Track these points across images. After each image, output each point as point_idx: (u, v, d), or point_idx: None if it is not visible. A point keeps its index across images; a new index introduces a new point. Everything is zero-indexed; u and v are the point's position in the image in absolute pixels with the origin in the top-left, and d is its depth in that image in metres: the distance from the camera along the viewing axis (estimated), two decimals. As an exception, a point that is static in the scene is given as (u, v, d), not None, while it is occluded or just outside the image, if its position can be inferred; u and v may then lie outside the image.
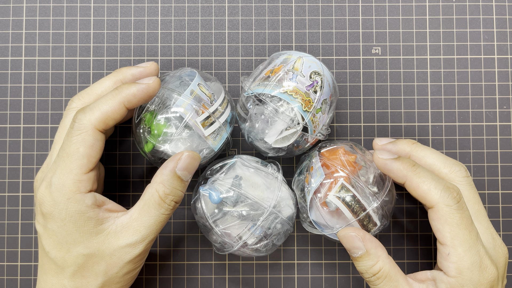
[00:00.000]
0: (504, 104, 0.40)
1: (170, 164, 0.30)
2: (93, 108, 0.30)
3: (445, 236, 0.30)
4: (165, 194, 0.30)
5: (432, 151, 0.34)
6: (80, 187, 0.29)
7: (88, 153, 0.29)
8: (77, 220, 0.29)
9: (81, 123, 0.29)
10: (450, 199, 0.30)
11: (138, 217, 0.30)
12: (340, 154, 0.34)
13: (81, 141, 0.29)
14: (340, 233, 0.32)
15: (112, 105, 0.30)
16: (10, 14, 0.40)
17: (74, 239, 0.29)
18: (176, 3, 0.40)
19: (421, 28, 0.40)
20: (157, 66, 0.34)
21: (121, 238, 0.30)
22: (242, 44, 0.40)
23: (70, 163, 0.29)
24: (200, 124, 0.32)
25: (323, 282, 0.39)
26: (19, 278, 0.39)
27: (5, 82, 0.40)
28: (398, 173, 0.31)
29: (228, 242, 0.33)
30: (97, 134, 0.30)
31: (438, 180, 0.30)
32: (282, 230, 0.34)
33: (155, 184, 0.30)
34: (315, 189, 0.33)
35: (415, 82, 0.40)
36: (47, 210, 0.29)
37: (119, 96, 0.30)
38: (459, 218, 0.29)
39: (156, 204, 0.30)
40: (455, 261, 0.29)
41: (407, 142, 0.35)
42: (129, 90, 0.30)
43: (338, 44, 0.40)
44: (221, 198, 0.32)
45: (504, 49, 0.40)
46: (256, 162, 0.35)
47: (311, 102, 0.32)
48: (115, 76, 0.33)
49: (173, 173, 0.30)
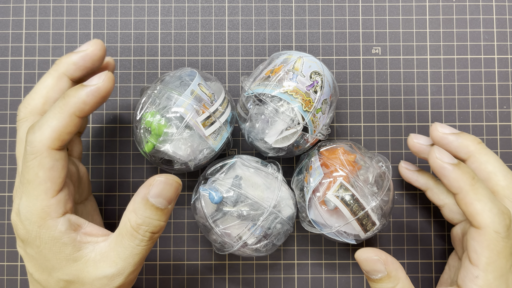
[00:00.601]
0: (504, 104, 0.40)
1: (142, 190, 0.27)
2: (42, 126, 0.27)
3: (480, 259, 0.28)
4: (137, 224, 0.27)
5: (496, 158, 0.32)
6: (50, 213, 0.27)
7: (50, 175, 0.27)
8: (52, 247, 0.27)
9: (33, 146, 0.26)
10: (501, 227, 0.28)
11: (114, 247, 0.28)
12: (339, 153, 0.34)
13: (38, 166, 0.26)
14: (360, 256, 0.30)
15: (62, 119, 0.27)
16: (10, 14, 0.40)
17: (53, 265, 0.27)
18: (176, 3, 0.40)
19: (421, 28, 0.40)
20: (102, 43, 0.30)
21: (100, 269, 0.27)
22: (242, 44, 0.40)
23: (32, 189, 0.27)
24: (201, 124, 0.32)
25: (323, 282, 0.39)
26: (19, 278, 0.39)
27: (5, 82, 0.40)
28: (454, 183, 0.29)
29: (228, 242, 0.33)
30: (54, 153, 0.27)
31: (494, 202, 0.28)
32: (282, 230, 0.34)
33: (127, 212, 0.28)
34: (314, 188, 0.33)
35: (415, 82, 0.40)
36: (22, 237, 0.28)
37: (67, 107, 0.27)
38: (503, 247, 0.28)
39: (129, 235, 0.27)
40: (481, 286, 0.28)
41: (473, 139, 0.32)
42: (77, 98, 0.27)
43: (338, 44, 0.40)
44: (221, 198, 0.32)
45: (504, 49, 0.40)
46: (256, 162, 0.35)
47: (311, 102, 0.32)
48: (56, 70, 0.30)
49: (145, 200, 0.27)
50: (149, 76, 0.40)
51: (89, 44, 0.30)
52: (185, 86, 0.33)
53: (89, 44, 0.30)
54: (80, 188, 0.33)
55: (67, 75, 0.30)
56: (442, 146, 0.32)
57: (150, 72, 0.40)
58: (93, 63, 0.30)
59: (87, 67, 0.30)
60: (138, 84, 0.40)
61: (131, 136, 0.39)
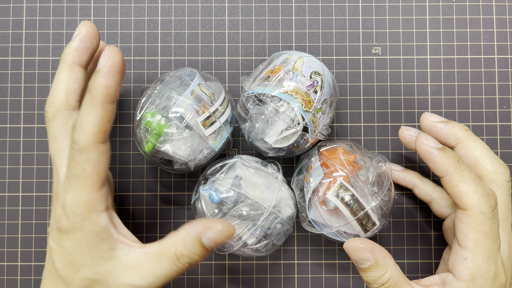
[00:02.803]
0: (504, 104, 0.40)
1: (198, 228, 0.29)
2: (81, 123, 0.28)
3: (468, 240, 0.29)
4: (182, 254, 0.28)
5: (483, 144, 0.33)
6: (95, 206, 0.28)
7: (96, 170, 0.28)
8: (91, 241, 0.28)
9: (79, 143, 0.27)
10: (487, 207, 0.29)
11: (150, 261, 0.28)
12: (339, 153, 0.34)
13: (85, 160, 0.27)
14: (347, 246, 0.31)
15: (96, 111, 0.27)
16: (10, 14, 0.40)
17: (85, 261, 0.28)
18: (176, 3, 0.40)
19: (421, 28, 0.40)
20: (89, 23, 0.31)
21: (129, 276, 0.28)
22: (242, 44, 0.40)
23: (79, 183, 0.28)
24: (201, 124, 0.32)
25: (323, 282, 0.39)
26: (19, 278, 0.39)
27: (5, 82, 0.40)
28: (440, 166, 0.30)
29: (228, 242, 0.33)
30: (100, 147, 0.28)
31: (479, 184, 0.29)
32: (282, 230, 0.34)
33: (177, 238, 0.29)
34: (314, 188, 0.33)
35: (415, 82, 0.40)
36: (63, 228, 0.28)
37: (95, 98, 0.27)
38: (489, 227, 0.29)
39: (169, 259, 0.28)
40: (470, 267, 0.29)
41: (461, 127, 0.33)
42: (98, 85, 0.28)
43: (338, 44, 0.40)
44: (221, 198, 0.32)
45: (504, 49, 0.40)
46: (256, 162, 0.35)
47: (311, 102, 0.32)
48: (65, 62, 0.31)
49: (198, 238, 0.28)
50: (149, 76, 0.40)
51: (80, 27, 0.31)
52: (185, 86, 0.33)
53: (80, 27, 0.31)
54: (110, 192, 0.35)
55: (76, 63, 0.31)
56: (431, 134, 0.33)
57: (150, 72, 0.40)
58: (91, 41, 0.31)
59: (88, 47, 0.31)
60: (138, 84, 0.40)
61: (131, 136, 0.39)
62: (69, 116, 0.30)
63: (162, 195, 0.39)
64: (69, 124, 0.30)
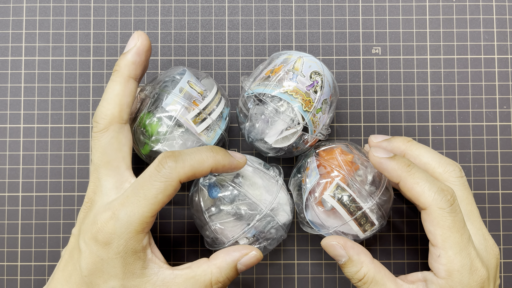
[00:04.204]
0: (504, 104, 0.40)
1: (235, 254, 0.30)
2: (185, 160, 0.29)
3: (436, 238, 0.30)
4: (217, 280, 0.30)
5: (427, 149, 0.34)
6: (145, 228, 0.29)
7: (164, 200, 0.29)
8: (128, 257, 0.29)
9: (170, 172, 0.29)
10: (444, 202, 0.29)
11: (180, 283, 0.29)
12: (336, 154, 0.34)
13: (163, 190, 0.28)
14: (322, 243, 0.33)
15: (204, 165, 0.29)
16: (10, 14, 0.40)
17: (116, 273, 0.29)
18: (176, 3, 0.40)
19: (421, 28, 0.40)
20: (145, 35, 0.32)
21: None
22: (242, 44, 0.40)
23: (144, 205, 0.28)
24: (191, 121, 0.32)
25: (323, 282, 0.39)
26: (19, 278, 0.39)
27: (5, 82, 0.40)
28: (393, 172, 0.31)
29: (220, 239, 0.33)
30: (178, 185, 0.29)
31: (432, 182, 0.30)
32: (276, 236, 0.34)
33: (213, 266, 0.30)
34: (311, 189, 0.33)
35: (415, 82, 0.40)
36: (104, 238, 0.28)
37: (213, 160, 0.30)
38: (451, 221, 0.29)
39: (203, 284, 0.30)
40: (445, 263, 0.29)
41: (402, 139, 0.35)
42: (224, 160, 0.30)
43: (338, 44, 0.40)
44: (219, 194, 0.32)
45: (504, 49, 0.40)
46: (259, 163, 0.35)
47: (311, 102, 0.32)
48: (120, 76, 0.31)
49: (234, 264, 0.30)
50: (149, 76, 0.40)
51: (135, 39, 0.32)
52: (176, 84, 0.33)
53: (135, 38, 0.32)
54: None
55: (132, 77, 0.31)
56: None
57: (150, 72, 0.40)
58: (146, 54, 0.32)
59: (143, 60, 0.32)
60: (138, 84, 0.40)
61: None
62: (120, 130, 0.31)
63: (162, 195, 0.39)
64: (120, 138, 0.31)
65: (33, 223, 0.39)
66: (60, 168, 0.39)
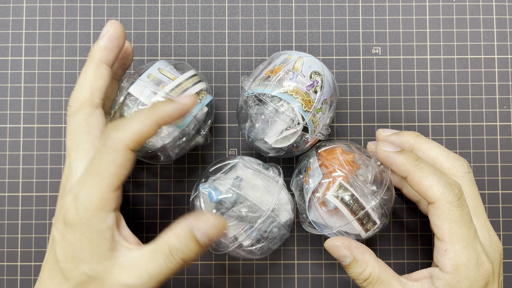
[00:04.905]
0: (504, 104, 0.40)
1: (192, 220, 0.29)
2: (126, 126, 0.29)
3: (443, 232, 0.30)
4: (175, 248, 0.28)
5: (436, 144, 0.34)
6: (106, 205, 0.28)
7: (118, 172, 0.28)
8: (94, 238, 0.28)
9: (114, 142, 0.28)
10: (452, 196, 0.30)
11: (146, 259, 0.29)
12: (337, 153, 0.34)
13: (112, 160, 0.28)
14: (326, 244, 0.33)
15: (146, 124, 0.29)
16: (10, 14, 0.40)
17: (85, 256, 0.28)
18: (176, 3, 0.40)
19: (421, 28, 0.40)
20: (117, 22, 0.32)
21: (124, 275, 0.28)
22: (242, 44, 0.40)
23: (99, 180, 0.28)
24: None
25: (323, 282, 0.39)
26: (19, 278, 0.39)
27: (5, 82, 0.40)
28: (401, 166, 0.31)
29: (224, 242, 0.33)
30: (129, 153, 0.29)
31: (440, 176, 0.30)
32: (279, 235, 0.34)
33: (171, 233, 0.29)
34: (313, 189, 0.33)
35: (415, 82, 0.40)
36: (70, 221, 0.29)
37: (154, 116, 0.29)
38: (459, 215, 0.30)
39: (163, 254, 0.29)
40: (452, 258, 0.29)
41: (411, 134, 0.35)
42: (165, 110, 0.29)
43: (338, 44, 0.40)
44: (219, 198, 0.32)
45: (504, 49, 0.40)
46: (258, 164, 0.35)
47: (311, 102, 0.32)
48: (92, 60, 0.32)
49: (190, 231, 0.28)
50: (149, 76, 0.40)
51: (108, 26, 0.32)
52: None
53: (108, 26, 0.32)
54: None
55: (103, 61, 0.32)
56: None
57: (150, 72, 0.40)
58: (118, 40, 0.32)
59: (115, 46, 0.32)
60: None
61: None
62: (91, 113, 0.31)
63: (162, 195, 0.39)
64: (90, 121, 0.31)
65: (33, 223, 0.39)
66: (60, 168, 0.39)
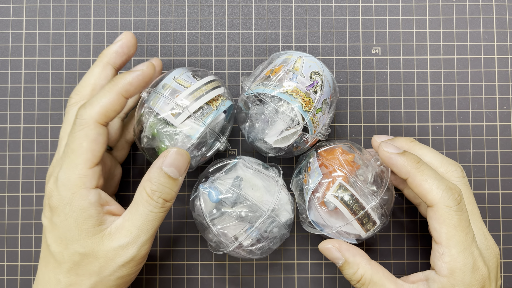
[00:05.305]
0: (504, 104, 0.40)
1: (157, 161, 0.30)
2: (92, 102, 0.30)
3: (441, 235, 0.30)
4: (152, 190, 0.30)
5: (430, 150, 0.34)
6: (86, 182, 0.29)
7: (92, 147, 0.29)
8: (78, 216, 0.29)
9: (82, 119, 0.30)
10: (451, 200, 0.30)
11: (129, 217, 0.30)
12: (337, 153, 0.34)
13: (84, 136, 0.29)
14: (319, 247, 0.33)
15: (110, 97, 0.30)
16: (10, 14, 0.40)
17: (72, 236, 0.29)
18: (176, 3, 0.40)
19: (421, 28, 0.40)
20: (131, 33, 0.34)
21: (114, 240, 0.30)
22: (242, 44, 0.40)
23: (75, 158, 0.29)
24: (170, 114, 0.32)
25: (323, 282, 0.39)
26: (19, 278, 0.39)
27: (5, 82, 0.40)
28: (402, 168, 0.31)
29: (224, 242, 0.33)
30: (99, 128, 0.30)
31: (441, 180, 0.30)
32: (279, 235, 0.34)
33: (143, 182, 0.30)
34: (313, 189, 0.33)
35: (415, 82, 0.40)
36: (53, 204, 0.30)
37: (115, 87, 0.30)
38: (458, 219, 0.30)
39: (144, 202, 0.30)
40: (448, 261, 0.30)
41: (406, 140, 0.35)
42: (124, 79, 0.31)
43: (338, 44, 0.40)
44: (219, 198, 0.32)
45: (504, 49, 0.40)
46: (258, 164, 0.35)
47: (311, 102, 0.32)
48: (101, 61, 0.34)
49: (159, 169, 0.30)
50: (149, 76, 0.40)
51: (122, 35, 0.34)
52: None
53: (122, 35, 0.34)
54: (109, 183, 0.36)
55: (110, 64, 0.33)
56: None
57: (150, 72, 0.40)
58: (129, 49, 0.34)
59: (125, 53, 0.34)
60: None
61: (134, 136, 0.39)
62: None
63: (162, 195, 0.39)
64: None
65: (33, 223, 0.39)
66: (60, 168, 0.39)
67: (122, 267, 0.30)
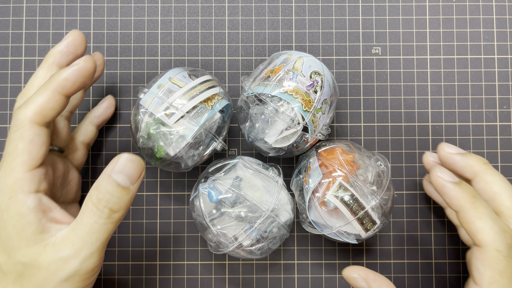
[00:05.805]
0: (504, 104, 0.40)
1: (107, 168, 0.27)
2: (27, 102, 0.28)
3: (483, 279, 0.28)
4: (98, 199, 0.27)
5: (502, 179, 0.31)
6: (23, 186, 0.27)
7: (29, 148, 0.28)
8: (16, 223, 0.27)
9: (17, 119, 0.28)
10: (503, 245, 0.28)
11: (74, 227, 0.27)
12: (337, 153, 0.34)
13: (19, 138, 0.28)
14: (343, 274, 0.32)
15: (45, 95, 0.28)
16: (10, 14, 0.40)
17: (13, 244, 0.27)
18: (176, 3, 0.40)
19: (421, 28, 0.40)
20: (78, 31, 0.32)
21: (57, 251, 0.27)
22: (242, 44, 0.40)
23: (10, 161, 0.27)
24: (164, 114, 0.32)
25: (323, 282, 0.39)
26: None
27: (5, 82, 0.40)
28: (454, 200, 0.29)
29: (223, 242, 0.33)
30: (36, 128, 0.28)
31: (495, 220, 0.28)
32: (278, 235, 0.34)
33: (90, 190, 0.28)
34: (313, 189, 0.33)
35: (415, 82, 0.40)
36: None
37: (50, 85, 0.29)
38: (505, 266, 0.28)
39: (88, 211, 0.27)
40: None
41: (478, 160, 0.32)
42: (59, 76, 0.29)
43: (338, 44, 0.40)
44: (219, 198, 0.32)
45: (504, 49, 0.40)
46: (258, 164, 0.35)
47: (311, 102, 0.32)
48: (46, 61, 0.32)
49: (108, 176, 0.27)
50: (149, 76, 0.40)
51: (68, 34, 0.32)
52: None
53: (69, 34, 0.32)
54: (65, 189, 0.34)
55: (56, 64, 0.32)
56: (448, 166, 0.33)
57: (150, 72, 0.40)
58: (76, 47, 0.32)
59: (71, 52, 0.32)
60: (138, 84, 0.40)
61: (130, 136, 0.39)
62: None
63: (162, 195, 0.39)
64: None
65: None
66: (60, 168, 0.39)
67: (66, 281, 0.27)
